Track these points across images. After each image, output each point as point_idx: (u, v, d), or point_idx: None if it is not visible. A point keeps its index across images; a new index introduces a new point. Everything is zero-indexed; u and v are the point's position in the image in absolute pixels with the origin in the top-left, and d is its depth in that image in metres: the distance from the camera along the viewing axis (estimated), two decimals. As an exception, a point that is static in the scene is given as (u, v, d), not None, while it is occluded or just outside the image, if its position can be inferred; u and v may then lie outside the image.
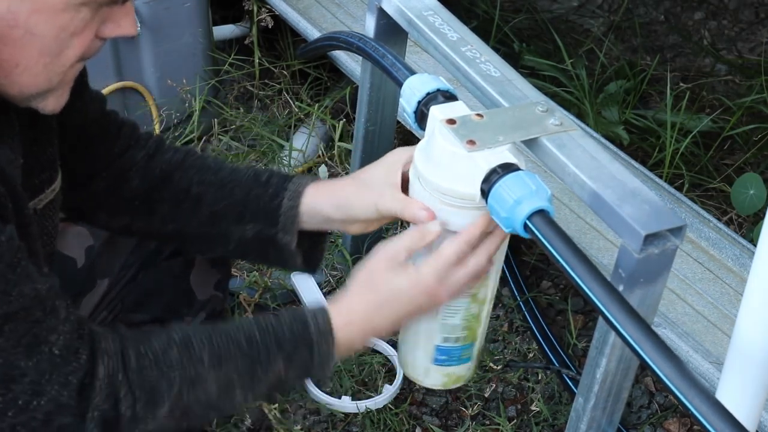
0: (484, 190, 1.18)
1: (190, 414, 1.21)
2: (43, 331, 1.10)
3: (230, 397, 1.22)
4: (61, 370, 1.11)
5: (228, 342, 1.22)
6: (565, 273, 1.10)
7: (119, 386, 1.15)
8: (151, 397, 1.17)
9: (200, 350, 1.20)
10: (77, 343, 1.13)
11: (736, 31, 3.12)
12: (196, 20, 2.49)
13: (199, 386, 1.19)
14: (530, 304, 2.15)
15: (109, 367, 1.15)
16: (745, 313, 1.22)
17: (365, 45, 1.62)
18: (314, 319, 1.25)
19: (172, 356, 1.19)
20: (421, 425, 1.96)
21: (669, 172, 2.43)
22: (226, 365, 1.21)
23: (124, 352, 1.17)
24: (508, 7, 3.12)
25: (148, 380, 1.17)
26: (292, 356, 1.23)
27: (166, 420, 1.19)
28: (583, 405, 1.44)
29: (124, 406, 1.15)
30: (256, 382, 1.23)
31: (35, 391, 1.10)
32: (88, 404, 1.13)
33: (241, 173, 1.47)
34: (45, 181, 1.30)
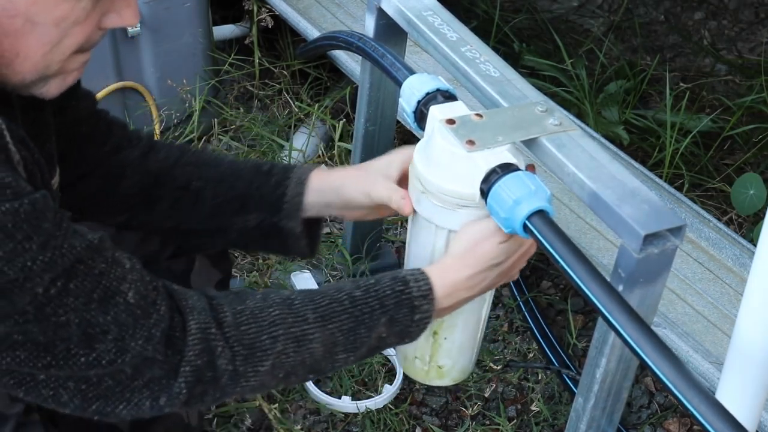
0: (483, 190, 1.18)
1: (292, 374, 1.19)
2: (112, 282, 1.08)
3: (333, 359, 1.20)
4: (141, 322, 1.09)
5: (331, 301, 1.20)
6: (564, 273, 1.10)
7: (214, 341, 1.12)
8: (252, 353, 1.14)
9: (303, 308, 1.19)
10: (152, 294, 1.11)
11: (736, 31, 3.12)
12: (196, 20, 2.49)
13: (305, 345, 1.17)
14: (530, 304, 2.15)
15: (200, 321, 1.12)
16: (745, 313, 1.22)
17: (365, 45, 1.62)
18: (415, 280, 1.24)
19: (273, 313, 1.17)
20: (421, 425, 1.96)
21: (669, 172, 2.43)
22: (331, 323, 1.19)
23: (216, 307, 1.15)
24: (508, 7, 3.12)
25: (248, 334, 1.14)
26: (394, 315, 1.22)
27: (268, 378, 1.16)
28: (583, 405, 1.44)
29: (223, 361, 1.12)
30: (359, 343, 1.21)
31: (119, 348, 1.07)
32: (180, 359, 1.10)
33: (240, 165, 1.47)
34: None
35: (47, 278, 1.03)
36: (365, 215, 1.44)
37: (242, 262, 2.24)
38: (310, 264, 2.21)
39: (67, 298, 1.05)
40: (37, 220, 1.03)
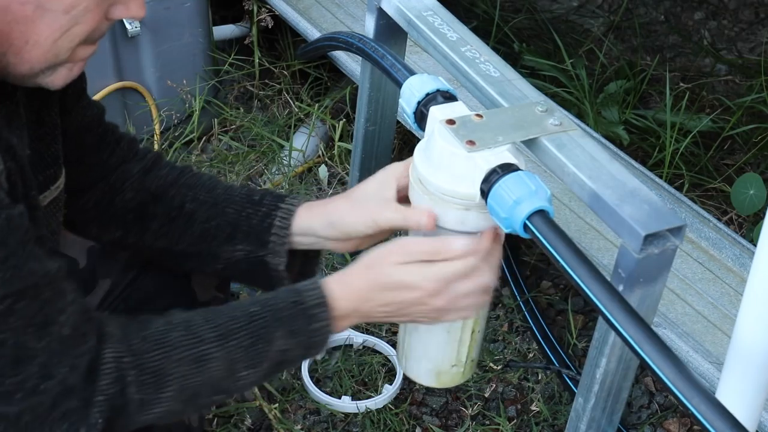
0: (483, 190, 1.18)
1: (197, 397, 1.20)
2: (53, 312, 1.10)
3: (236, 378, 1.21)
4: (70, 352, 1.11)
5: (227, 320, 1.21)
6: (564, 273, 1.10)
7: (126, 370, 1.14)
8: (158, 380, 1.16)
9: (202, 329, 1.20)
10: (85, 326, 1.13)
11: (736, 31, 3.12)
12: (196, 20, 2.50)
13: (204, 366, 1.18)
14: (530, 304, 2.15)
15: (115, 350, 1.14)
16: (745, 313, 1.22)
17: (365, 45, 1.62)
18: (309, 290, 1.24)
19: (174, 337, 1.18)
20: (421, 425, 1.96)
21: (669, 172, 2.43)
22: (229, 341, 1.20)
23: (128, 336, 1.17)
24: (508, 7, 3.12)
25: (153, 361, 1.16)
26: (291, 327, 1.22)
27: (174, 404, 1.18)
28: (583, 405, 1.44)
29: (132, 389, 1.14)
30: (259, 359, 1.21)
31: (44, 374, 1.09)
32: (95, 388, 1.12)
33: (234, 192, 1.46)
34: (50, 177, 1.30)
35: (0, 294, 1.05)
36: (360, 245, 1.40)
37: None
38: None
39: (10, 317, 1.07)
40: (6, 236, 1.05)
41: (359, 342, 2.08)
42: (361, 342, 2.08)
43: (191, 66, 2.53)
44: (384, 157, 2.01)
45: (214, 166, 2.50)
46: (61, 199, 1.34)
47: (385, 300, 1.24)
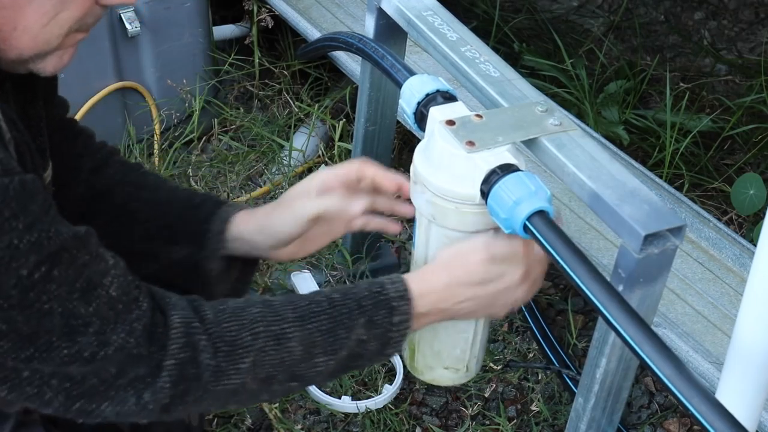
0: (483, 191, 1.18)
1: (272, 379, 1.17)
2: (94, 274, 1.08)
3: (313, 363, 1.19)
4: (123, 316, 1.09)
5: (308, 303, 1.20)
6: (564, 273, 1.10)
7: (197, 335, 1.12)
8: (233, 350, 1.13)
9: (283, 308, 1.18)
10: (134, 290, 1.11)
11: (736, 31, 3.12)
12: (196, 20, 2.50)
13: (283, 344, 1.16)
14: (530, 304, 2.15)
15: (183, 315, 1.12)
16: (745, 313, 1.22)
17: (365, 46, 1.62)
18: (392, 282, 1.24)
19: (254, 312, 1.17)
20: (421, 425, 1.96)
21: (669, 172, 2.43)
22: (310, 323, 1.18)
23: (197, 306, 1.15)
24: (508, 7, 3.12)
25: (229, 331, 1.14)
26: (372, 317, 1.21)
27: (249, 379, 1.15)
28: (583, 405, 1.44)
29: (205, 355, 1.12)
30: (338, 345, 1.20)
31: (101, 342, 1.07)
32: (164, 353, 1.10)
33: (176, 194, 1.47)
34: (38, 167, 1.29)
35: (32, 260, 1.03)
36: (295, 252, 1.42)
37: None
38: (309, 264, 2.21)
39: (50, 284, 1.05)
40: (26, 201, 1.03)
41: (359, 342, 2.08)
42: (361, 342, 2.08)
43: (191, 66, 2.53)
44: (384, 157, 2.01)
45: (214, 166, 2.50)
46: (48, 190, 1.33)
47: (472, 296, 1.24)
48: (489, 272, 1.23)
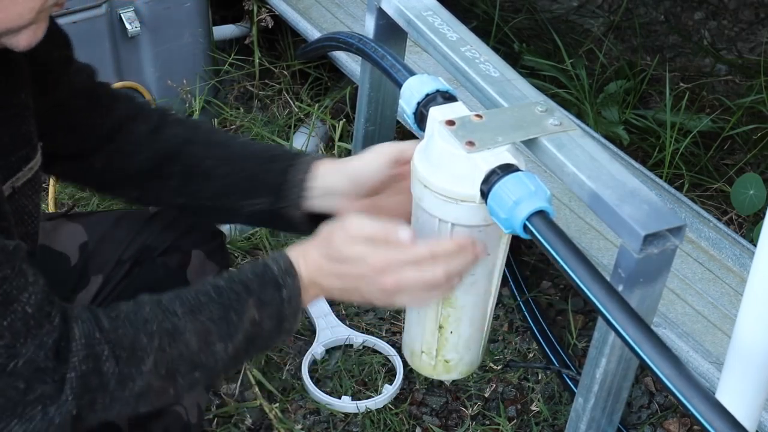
0: (483, 191, 1.18)
1: (176, 373, 1.18)
2: (14, 289, 1.09)
3: (212, 351, 1.19)
4: (35, 331, 1.09)
5: (196, 294, 1.20)
6: (564, 274, 1.10)
7: (98, 346, 1.13)
8: (133, 353, 1.14)
9: (171, 304, 1.19)
10: (48, 306, 1.12)
11: (736, 31, 3.12)
12: (196, 20, 2.50)
13: (179, 338, 1.17)
14: (530, 304, 2.15)
15: (84, 328, 1.13)
16: (745, 313, 1.22)
17: (365, 46, 1.62)
18: (274, 260, 1.24)
19: (145, 313, 1.17)
20: (421, 425, 1.96)
21: (669, 172, 2.43)
22: (200, 314, 1.19)
23: (96, 316, 1.15)
24: (508, 7, 3.12)
25: (127, 336, 1.14)
26: (261, 296, 1.21)
27: (154, 378, 1.16)
28: (583, 405, 1.44)
29: (107, 365, 1.12)
30: (232, 330, 1.20)
31: (10, 354, 1.07)
32: (66, 366, 1.10)
33: (250, 148, 1.48)
34: (21, 159, 1.29)
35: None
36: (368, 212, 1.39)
37: (243, 262, 2.24)
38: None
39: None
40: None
41: (359, 342, 2.08)
42: (361, 342, 2.08)
43: (191, 66, 2.53)
44: (384, 157, 2.01)
45: (214, 166, 2.50)
46: (37, 180, 1.33)
47: (335, 271, 1.24)
48: (348, 250, 1.22)
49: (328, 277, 1.25)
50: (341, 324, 2.10)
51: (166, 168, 1.47)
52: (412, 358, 1.42)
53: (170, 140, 1.47)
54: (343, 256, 1.23)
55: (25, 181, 1.30)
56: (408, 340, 1.41)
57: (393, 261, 1.21)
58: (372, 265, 1.22)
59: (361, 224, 1.23)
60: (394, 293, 1.23)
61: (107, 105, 1.47)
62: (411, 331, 1.39)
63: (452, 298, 1.31)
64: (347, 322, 2.12)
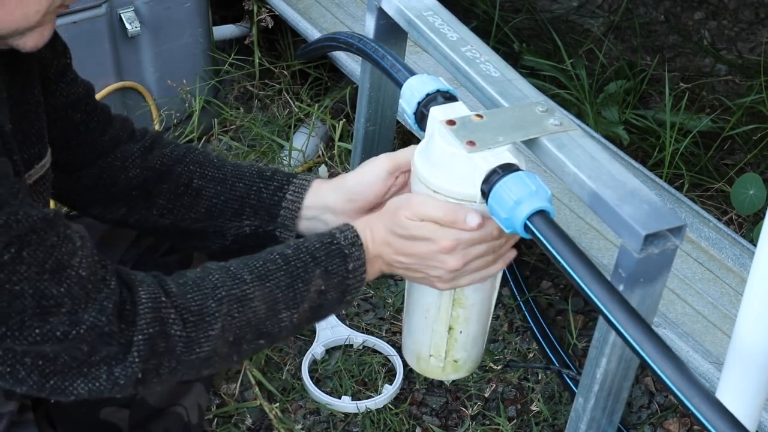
0: (484, 191, 1.18)
1: (241, 339, 1.19)
2: (63, 255, 1.09)
3: (278, 319, 1.21)
4: (94, 295, 1.10)
5: (264, 262, 1.22)
6: (565, 273, 1.10)
7: (165, 309, 1.13)
8: (201, 318, 1.15)
9: (240, 271, 1.20)
10: (102, 270, 1.12)
11: (736, 31, 3.12)
12: (196, 20, 2.49)
13: (247, 304, 1.18)
14: (530, 304, 2.15)
15: (149, 291, 1.14)
16: (745, 313, 1.22)
17: (365, 46, 1.62)
18: (341, 231, 1.26)
19: (214, 279, 1.18)
20: (421, 425, 1.96)
21: (669, 172, 2.43)
22: (268, 281, 1.20)
23: (162, 281, 1.17)
24: (508, 7, 3.12)
25: (194, 301, 1.15)
26: (327, 266, 1.23)
27: (220, 344, 1.17)
28: (583, 405, 1.44)
29: (175, 328, 1.13)
30: (299, 299, 1.21)
31: (72, 321, 1.08)
32: (134, 329, 1.11)
33: (244, 169, 1.48)
34: (34, 156, 1.29)
35: (1, 242, 1.04)
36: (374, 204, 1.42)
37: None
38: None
39: (20, 265, 1.06)
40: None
41: (359, 342, 2.08)
42: (361, 342, 2.08)
43: (191, 66, 2.53)
44: (384, 157, 2.01)
45: (214, 166, 2.50)
46: (47, 178, 1.34)
47: (402, 248, 1.25)
48: (416, 228, 1.23)
49: (395, 254, 1.26)
50: (341, 324, 2.10)
51: (156, 186, 1.47)
52: (418, 362, 1.42)
53: (162, 158, 1.48)
54: (411, 234, 1.23)
55: (38, 179, 1.31)
56: (413, 346, 1.41)
57: (462, 239, 1.23)
58: (441, 245, 1.23)
59: (427, 203, 1.23)
60: (458, 275, 1.25)
61: (103, 123, 1.48)
62: (416, 337, 1.39)
63: (463, 298, 1.32)
64: (347, 322, 2.12)
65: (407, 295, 1.39)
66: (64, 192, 1.48)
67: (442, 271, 1.25)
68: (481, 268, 1.27)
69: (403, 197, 1.27)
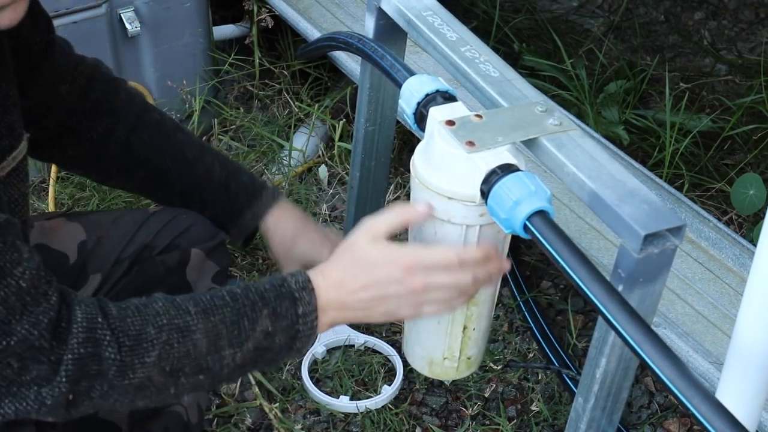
0: (483, 191, 1.18)
1: (179, 372, 1.16)
2: (6, 263, 1.07)
3: (220, 356, 1.18)
4: (30, 308, 1.07)
5: (211, 297, 1.20)
6: (564, 273, 1.10)
7: (100, 330, 1.11)
8: (137, 343, 1.13)
9: (185, 302, 1.18)
10: (44, 285, 1.10)
11: (736, 31, 3.12)
12: (196, 20, 2.49)
13: (188, 336, 1.16)
14: (530, 304, 2.15)
15: (86, 312, 1.11)
16: (745, 313, 1.22)
17: (364, 46, 1.62)
18: (292, 275, 1.23)
19: (157, 306, 1.16)
20: (421, 425, 1.96)
21: (669, 172, 2.43)
22: (213, 316, 1.17)
23: (102, 303, 1.14)
24: (508, 7, 3.12)
25: (133, 326, 1.13)
26: (276, 308, 1.20)
27: (156, 372, 1.14)
28: (583, 405, 1.44)
29: (109, 350, 1.11)
30: (243, 337, 1.18)
31: (4, 331, 1.06)
32: (64, 348, 1.08)
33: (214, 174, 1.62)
34: (5, 148, 1.28)
35: None
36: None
37: (242, 262, 2.24)
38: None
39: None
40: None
41: (360, 342, 2.08)
42: (361, 342, 2.08)
43: (191, 66, 2.53)
44: (384, 157, 2.01)
45: (214, 166, 2.50)
46: (22, 169, 1.32)
47: (361, 282, 1.22)
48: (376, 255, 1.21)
49: (354, 292, 1.23)
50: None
51: (133, 169, 1.61)
52: (430, 368, 1.41)
53: (142, 146, 1.59)
54: (369, 262, 1.22)
55: (10, 171, 1.29)
56: (423, 353, 1.40)
57: (422, 259, 1.21)
58: (401, 264, 1.20)
59: (373, 225, 1.22)
60: (423, 299, 1.22)
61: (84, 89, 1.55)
62: (427, 344, 1.38)
63: (476, 296, 1.32)
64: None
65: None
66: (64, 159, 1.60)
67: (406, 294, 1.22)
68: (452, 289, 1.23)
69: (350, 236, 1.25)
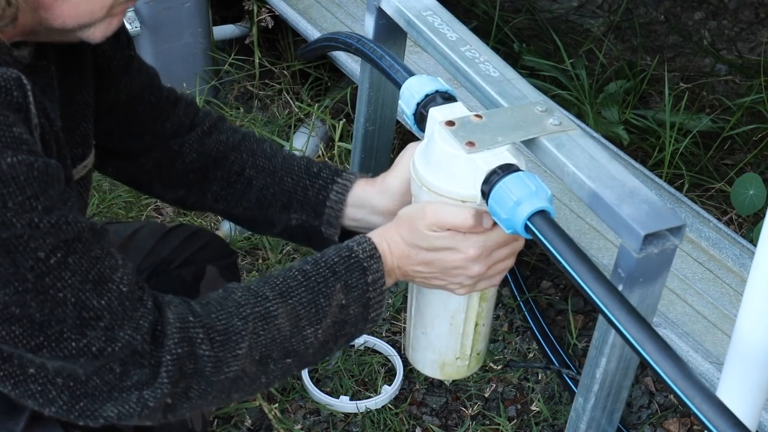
0: (484, 191, 1.18)
1: (268, 359, 1.18)
2: (106, 268, 1.09)
3: (302, 336, 1.20)
4: (131, 313, 1.09)
5: (284, 278, 1.21)
6: (565, 273, 1.10)
7: (192, 329, 1.12)
8: (228, 337, 1.14)
9: (261, 289, 1.19)
10: (139, 290, 1.12)
11: (736, 31, 3.12)
12: (196, 20, 2.50)
13: (271, 322, 1.17)
14: (530, 304, 2.15)
15: (176, 312, 1.13)
16: (745, 313, 1.22)
17: (363, 46, 1.62)
18: (358, 244, 1.25)
19: (236, 297, 1.18)
20: (421, 425, 1.96)
21: (669, 172, 2.43)
22: (290, 298, 1.19)
23: (188, 303, 1.16)
24: (508, 7, 3.12)
25: (220, 320, 1.15)
26: (347, 280, 1.22)
27: (248, 363, 1.16)
28: (583, 405, 1.44)
29: (203, 348, 1.12)
30: (321, 314, 1.21)
31: (109, 337, 1.07)
32: (162, 350, 1.10)
33: (293, 162, 1.49)
34: (77, 156, 1.30)
35: (50, 243, 1.03)
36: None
37: (242, 262, 2.24)
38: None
39: (65, 272, 1.05)
40: (47, 184, 1.03)
41: (360, 342, 2.08)
42: (362, 342, 2.08)
43: (191, 66, 2.53)
44: (384, 157, 2.01)
45: (214, 167, 2.50)
46: (89, 178, 1.34)
47: (424, 259, 1.24)
48: (437, 239, 1.22)
49: (416, 264, 1.25)
50: (341, 324, 2.10)
51: (210, 172, 1.49)
52: (442, 370, 1.41)
53: (218, 145, 1.50)
54: (433, 245, 1.23)
55: (79, 179, 1.31)
56: (434, 356, 1.39)
57: (488, 246, 1.23)
58: (467, 254, 1.22)
59: (443, 212, 1.22)
60: (481, 280, 1.26)
61: (166, 111, 1.49)
62: (439, 346, 1.38)
63: (486, 292, 1.32)
64: (347, 322, 2.12)
65: (422, 310, 1.37)
66: (127, 174, 1.51)
67: (464, 278, 1.25)
68: (502, 271, 1.27)
69: (416, 207, 1.26)
